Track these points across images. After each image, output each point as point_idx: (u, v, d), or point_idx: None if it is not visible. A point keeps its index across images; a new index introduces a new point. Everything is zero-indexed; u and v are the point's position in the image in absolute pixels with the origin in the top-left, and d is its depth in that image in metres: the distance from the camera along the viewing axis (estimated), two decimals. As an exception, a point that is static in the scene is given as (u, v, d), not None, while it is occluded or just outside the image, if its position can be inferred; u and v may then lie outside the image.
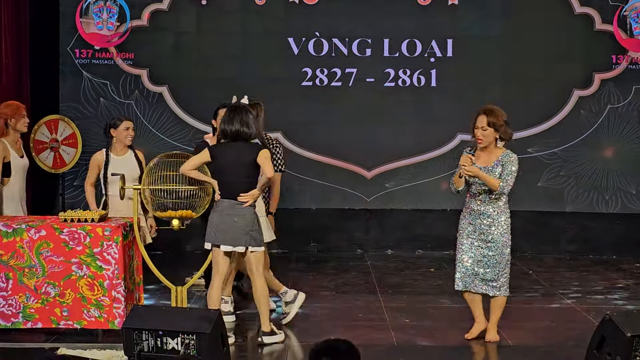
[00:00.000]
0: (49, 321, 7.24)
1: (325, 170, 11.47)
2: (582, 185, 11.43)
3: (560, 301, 8.85)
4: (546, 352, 7.12)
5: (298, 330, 7.65)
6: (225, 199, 7.15)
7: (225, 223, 7.13)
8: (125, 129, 8.12)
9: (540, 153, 11.42)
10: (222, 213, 7.14)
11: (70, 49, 11.25)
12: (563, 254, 11.37)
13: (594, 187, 11.42)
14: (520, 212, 11.38)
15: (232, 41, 11.44)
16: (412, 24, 11.42)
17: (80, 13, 11.18)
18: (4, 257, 7.19)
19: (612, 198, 11.40)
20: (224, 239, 7.14)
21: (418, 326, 7.83)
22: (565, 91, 11.41)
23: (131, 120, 8.28)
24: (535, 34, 11.43)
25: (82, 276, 7.19)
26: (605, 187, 11.41)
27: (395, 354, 7.07)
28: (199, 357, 5.88)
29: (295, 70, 11.43)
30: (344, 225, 11.58)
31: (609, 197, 11.41)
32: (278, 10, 11.42)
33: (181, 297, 7.33)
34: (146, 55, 11.36)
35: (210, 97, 10.55)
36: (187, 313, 6.53)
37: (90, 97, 11.29)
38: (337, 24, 11.43)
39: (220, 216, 7.15)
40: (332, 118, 11.42)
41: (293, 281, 9.63)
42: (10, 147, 8.21)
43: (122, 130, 8.12)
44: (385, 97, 11.40)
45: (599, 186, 11.41)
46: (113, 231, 7.19)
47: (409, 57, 11.45)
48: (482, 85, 11.42)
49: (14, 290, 7.21)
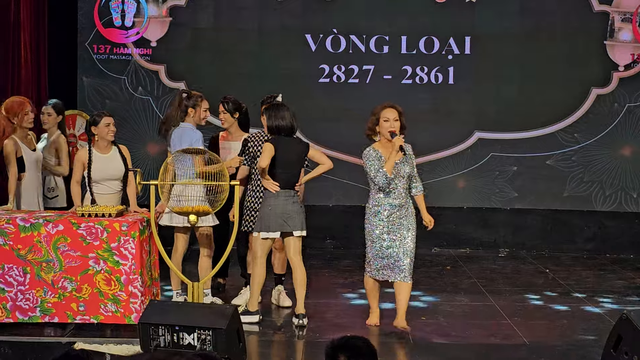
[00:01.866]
0: (65, 316, 7.27)
1: (342, 167, 11.45)
2: (601, 184, 11.37)
3: (577, 300, 8.82)
4: (563, 351, 7.10)
5: (315, 327, 7.65)
6: (283, 190, 7.62)
7: (293, 211, 7.63)
8: (105, 125, 7.81)
9: (557, 152, 11.38)
10: (287, 202, 7.62)
11: (88, 44, 11.28)
12: (580, 253, 11.32)
13: (612, 186, 11.37)
14: (537, 210, 11.42)
15: (249, 37, 11.44)
16: (429, 21, 11.39)
17: (99, 9, 11.21)
18: (21, 251, 7.22)
19: (631, 197, 11.35)
20: (294, 225, 7.65)
21: (434, 324, 7.82)
22: (583, 89, 11.36)
23: (111, 116, 7.92)
24: (554, 31, 11.39)
25: (99, 271, 7.21)
26: (624, 185, 11.35)
27: (411, 352, 7.07)
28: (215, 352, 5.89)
29: (312, 67, 11.43)
30: (360, 222, 11.50)
31: (628, 195, 11.35)
32: (296, 7, 11.42)
33: (198, 293, 7.34)
34: (164, 51, 11.38)
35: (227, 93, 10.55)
36: (203, 309, 6.54)
37: (108, 93, 11.31)
38: (355, 21, 11.41)
39: (285, 205, 7.61)
40: (349, 115, 11.39)
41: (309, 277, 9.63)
42: (21, 142, 8.24)
43: (103, 126, 7.81)
44: (403, 94, 11.38)
45: (617, 185, 11.36)
46: (130, 226, 7.20)
47: (427, 55, 11.43)
48: (499, 83, 11.40)
49: (32, 285, 7.25)
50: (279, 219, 7.59)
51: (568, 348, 7.15)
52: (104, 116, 7.87)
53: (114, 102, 11.31)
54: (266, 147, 7.57)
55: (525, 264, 10.73)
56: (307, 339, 7.31)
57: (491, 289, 9.18)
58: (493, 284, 9.52)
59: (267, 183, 7.62)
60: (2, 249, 7.24)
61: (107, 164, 7.84)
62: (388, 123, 7.56)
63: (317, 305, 8.42)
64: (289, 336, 7.41)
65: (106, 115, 7.90)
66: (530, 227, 11.48)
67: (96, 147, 7.87)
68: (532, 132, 11.39)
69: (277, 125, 7.67)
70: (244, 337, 6.27)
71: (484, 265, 10.54)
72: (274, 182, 7.61)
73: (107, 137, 7.85)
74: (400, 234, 7.46)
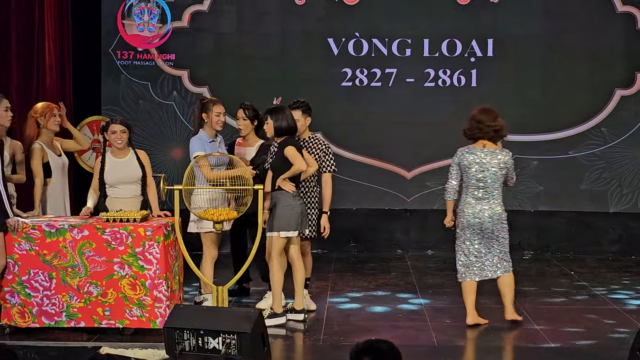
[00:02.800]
0: (91, 320, 7.31)
1: (365, 171, 11.46)
2: (625, 186, 11.32)
3: (602, 302, 8.78)
4: (588, 353, 7.07)
5: (339, 330, 7.65)
6: (296, 190, 7.82)
7: (305, 212, 7.93)
8: (112, 132, 7.87)
9: (582, 153, 11.33)
10: (301, 202, 7.86)
11: (112, 50, 11.34)
12: (605, 255, 11.27)
13: (637, 187, 11.31)
14: (562, 212, 11.37)
15: (271, 42, 11.46)
16: (452, 23, 11.37)
17: (122, 15, 11.26)
18: (47, 256, 7.27)
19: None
20: (305, 225, 7.94)
21: (458, 327, 7.80)
22: (607, 91, 11.31)
23: (121, 124, 7.89)
24: (577, 33, 11.34)
25: (124, 276, 7.25)
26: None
27: (435, 355, 7.06)
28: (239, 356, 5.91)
29: (335, 71, 11.44)
30: (384, 226, 11.57)
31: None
32: (318, 11, 11.43)
33: (222, 297, 7.36)
34: (187, 56, 11.42)
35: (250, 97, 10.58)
36: (228, 313, 6.56)
37: (131, 99, 11.37)
38: (377, 24, 11.41)
39: (301, 205, 7.85)
40: (371, 118, 11.40)
41: (333, 281, 9.65)
42: (47, 148, 8.30)
43: (110, 134, 7.89)
44: (425, 97, 11.37)
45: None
46: (155, 231, 7.24)
47: (449, 57, 11.41)
48: (522, 85, 11.37)
49: (57, 290, 7.30)
50: (298, 218, 7.75)
51: (594, 350, 7.12)
52: (111, 124, 7.92)
53: (137, 107, 11.36)
54: (296, 150, 7.73)
55: (550, 266, 10.69)
56: (331, 343, 7.31)
57: (516, 291, 9.13)
58: (517, 286, 9.45)
59: (286, 184, 7.69)
60: (28, 255, 7.30)
61: (122, 167, 7.89)
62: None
63: (342, 309, 8.43)
64: (313, 340, 7.41)
65: (114, 122, 7.93)
66: (554, 229, 11.43)
67: (112, 152, 7.96)
68: (556, 134, 11.36)
69: (287, 125, 7.79)
70: (268, 341, 6.29)
71: (508, 268, 10.49)
72: (291, 183, 7.72)
73: (114, 144, 7.91)
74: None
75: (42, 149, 8.24)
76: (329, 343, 7.31)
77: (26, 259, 7.30)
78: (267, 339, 6.24)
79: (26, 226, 7.30)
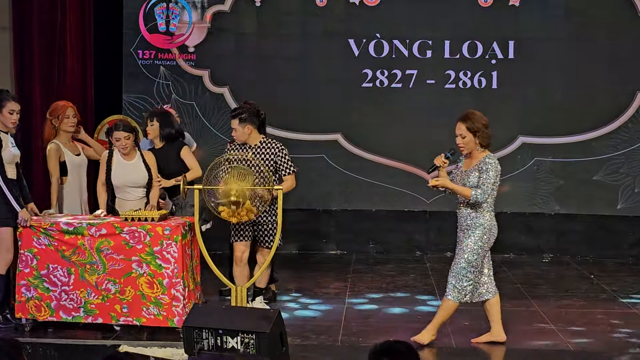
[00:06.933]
0: (108, 317, 7.34)
1: (385, 172, 11.44)
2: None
3: (622, 306, 8.73)
4: (608, 357, 7.03)
5: (357, 332, 7.65)
6: None
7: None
8: (116, 140, 7.94)
9: (603, 156, 11.27)
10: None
11: (133, 50, 11.38)
12: (625, 259, 11.21)
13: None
14: (582, 215, 11.31)
15: (292, 42, 11.47)
16: (473, 25, 11.35)
17: (144, 15, 11.30)
18: (66, 252, 7.31)
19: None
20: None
21: (477, 329, 7.77)
22: (628, 93, 11.25)
23: (124, 131, 7.90)
24: (598, 35, 11.28)
25: (142, 274, 7.27)
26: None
27: (454, 357, 7.05)
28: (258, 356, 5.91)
29: (355, 72, 11.43)
30: (403, 227, 11.54)
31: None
32: (339, 12, 11.43)
33: (241, 296, 7.37)
34: (208, 56, 11.44)
35: (271, 98, 10.62)
36: (246, 312, 6.57)
37: (152, 98, 11.40)
38: (398, 25, 11.39)
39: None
40: (392, 120, 11.39)
41: (352, 282, 9.65)
42: (63, 147, 8.33)
43: (114, 140, 7.96)
44: (446, 98, 11.34)
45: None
46: (173, 230, 7.26)
47: (470, 59, 11.38)
48: (543, 87, 11.32)
49: (76, 285, 7.34)
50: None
51: (613, 354, 7.09)
52: (114, 130, 7.98)
53: (158, 107, 11.37)
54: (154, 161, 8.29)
55: (569, 269, 10.64)
56: (350, 344, 7.31)
57: (535, 294, 9.12)
58: (537, 289, 9.46)
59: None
60: (48, 250, 7.34)
61: (128, 170, 7.98)
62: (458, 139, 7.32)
63: (360, 310, 8.42)
64: (332, 340, 7.41)
65: (117, 129, 7.96)
66: (574, 232, 11.38)
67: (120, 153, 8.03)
68: (577, 136, 11.30)
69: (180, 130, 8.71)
70: (287, 340, 6.29)
71: (527, 271, 10.46)
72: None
73: (119, 151, 7.98)
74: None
75: (57, 149, 8.27)
76: (347, 344, 7.31)
77: (45, 254, 7.35)
78: (285, 338, 6.25)
79: (44, 223, 7.34)
